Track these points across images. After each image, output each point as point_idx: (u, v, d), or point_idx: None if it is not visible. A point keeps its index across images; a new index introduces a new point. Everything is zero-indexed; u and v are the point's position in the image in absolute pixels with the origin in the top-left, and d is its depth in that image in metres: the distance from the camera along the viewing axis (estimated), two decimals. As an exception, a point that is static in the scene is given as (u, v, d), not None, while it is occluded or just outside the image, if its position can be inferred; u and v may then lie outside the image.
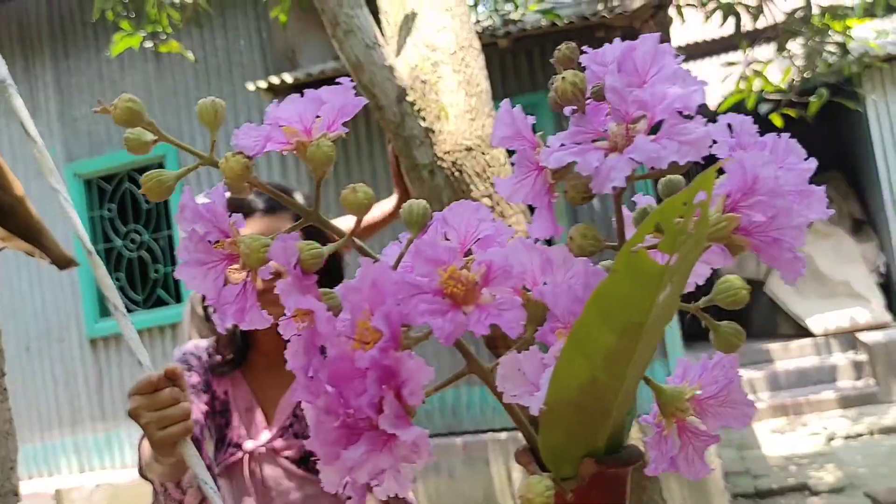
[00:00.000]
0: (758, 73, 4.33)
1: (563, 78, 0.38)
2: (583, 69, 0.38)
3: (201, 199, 0.41)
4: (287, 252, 0.39)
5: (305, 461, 1.43)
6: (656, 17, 5.04)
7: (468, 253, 0.41)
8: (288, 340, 0.41)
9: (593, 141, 0.37)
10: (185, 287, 1.28)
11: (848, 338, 7.71)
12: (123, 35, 4.04)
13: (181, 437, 1.07)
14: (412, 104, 1.99)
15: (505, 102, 0.40)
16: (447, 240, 0.41)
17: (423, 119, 1.99)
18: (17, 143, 6.07)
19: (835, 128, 9.14)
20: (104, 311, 5.91)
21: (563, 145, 0.36)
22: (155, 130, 0.44)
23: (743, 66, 4.49)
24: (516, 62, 5.39)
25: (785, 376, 7.53)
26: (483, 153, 1.98)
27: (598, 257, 0.39)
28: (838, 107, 4.94)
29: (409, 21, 2.06)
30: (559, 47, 0.41)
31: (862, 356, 7.38)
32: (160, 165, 5.86)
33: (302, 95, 0.40)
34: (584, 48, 0.40)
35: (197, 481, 1.14)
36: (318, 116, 0.42)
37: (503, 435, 5.25)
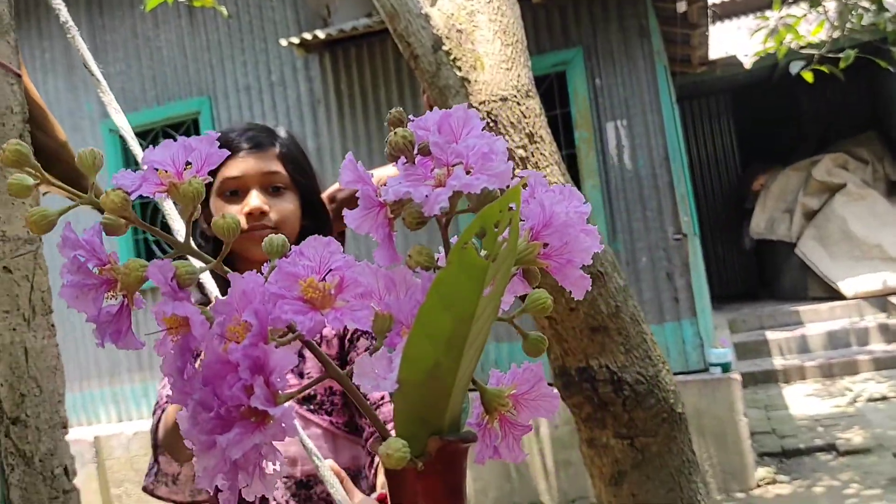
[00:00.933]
0: (789, 28, 4.26)
1: (395, 133, 0.47)
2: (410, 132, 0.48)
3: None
4: (164, 270, 0.45)
5: (308, 401, 1.35)
6: (692, -28, 4.97)
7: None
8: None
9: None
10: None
11: (880, 301, 7.65)
12: (158, -11, 4.07)
13: None
14: (448, 53, 2.00)
15: (349, 155, 0.48)
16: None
17: (459, 69, 2.00)
18: (53, 97, 6.16)
19: (871, 87, 8.97)
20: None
21: (399, 183, 0.45)
22: (40, 174, 0.47)
23: (775, 21, 4.42)
24: (549, 18, 5.35)
25: (815, 339, 7.51)
26: (518, 103, 1.99)
27: None
28: (875, 66, 4.86)
29: (445, -30, 2.06)
30: (390, 111, 0.50)
31: (893, 320, 7.33)
32: (195, 121, 5.93)
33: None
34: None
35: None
36: (188, 162, 0.47)
37: (531, 391, 5.31)
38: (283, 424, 0.42)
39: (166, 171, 0.47)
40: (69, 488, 1.20)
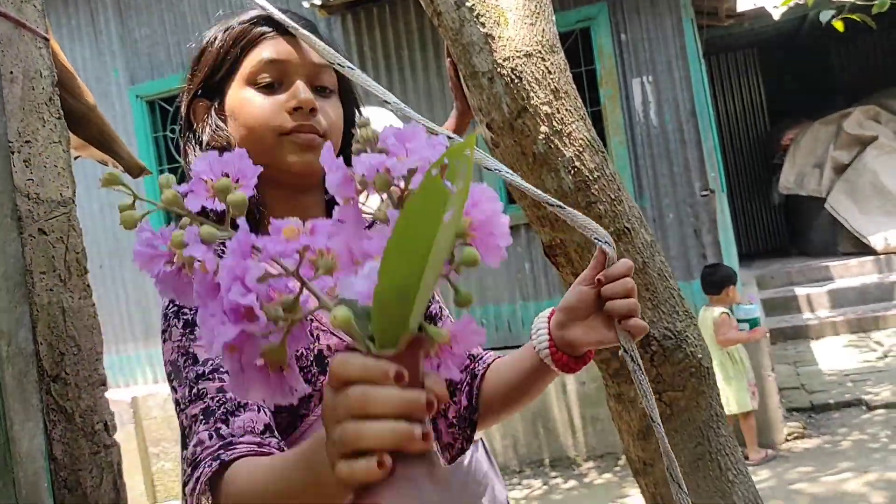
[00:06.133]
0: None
1: (364, 128, 0.59)
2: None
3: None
4: (193, 233, 0.55)
5: None
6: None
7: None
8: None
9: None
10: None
11: (911, 255, 7.56)
12: (180, -47, 4.06)
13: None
14: (471, 9, 1.98)
15: (327, 143, 0.59)
16: None
17: (483, 25, 1.99)
18: (80, 64, 6.20)
19: (906, 38, 8.75)
20: (170, 230, 6.10)
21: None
22: (132, 193, 0.59)
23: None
24: (573, -27, 5.27)
25: (845, 294, 7.44)
26: (543, 59, 1.98)
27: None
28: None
29: (467, -75, 2.04)
30: (359, 121, 0.60)
31: (925, 274, 7.24)
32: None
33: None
34: None
35: None
36: (225, 174, 0.58)
37: (558, 349, 5.33)
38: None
39: (209, 180, 0.58)
40: (110, 443, 1.24)
